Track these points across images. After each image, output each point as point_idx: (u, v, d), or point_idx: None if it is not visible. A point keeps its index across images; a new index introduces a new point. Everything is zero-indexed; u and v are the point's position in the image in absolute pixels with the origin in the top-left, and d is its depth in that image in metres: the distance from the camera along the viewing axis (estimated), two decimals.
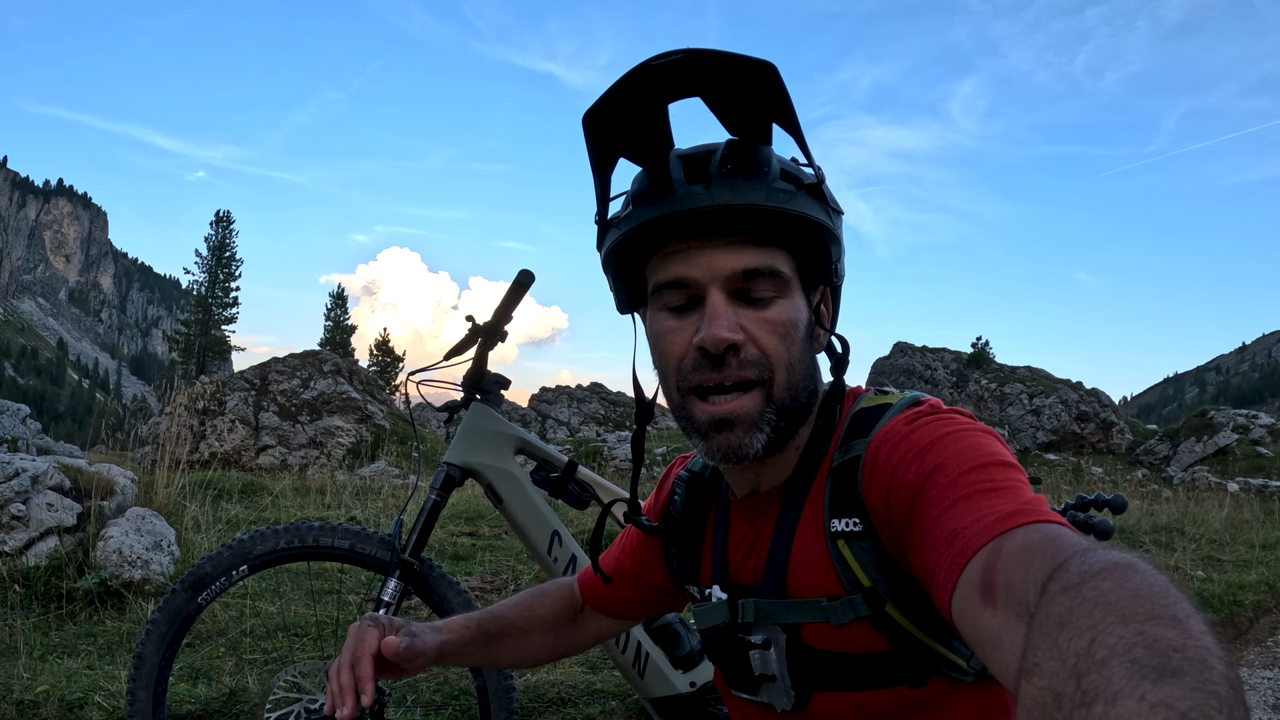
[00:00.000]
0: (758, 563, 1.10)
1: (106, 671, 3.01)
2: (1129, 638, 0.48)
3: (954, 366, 32.92)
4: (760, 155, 1.02)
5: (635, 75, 0.96)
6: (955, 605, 0.77)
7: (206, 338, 55.72)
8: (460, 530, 6.20)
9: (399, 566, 2.11)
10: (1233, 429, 23.12)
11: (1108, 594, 0.54)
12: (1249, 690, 4.43)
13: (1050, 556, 0.67)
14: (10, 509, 4.24)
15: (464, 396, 2.33)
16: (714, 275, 1.00)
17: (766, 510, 1.11)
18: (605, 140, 1.04)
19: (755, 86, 0.97)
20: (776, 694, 1.08)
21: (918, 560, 0.88)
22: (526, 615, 1.36)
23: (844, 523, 1.01)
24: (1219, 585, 6.12)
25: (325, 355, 18.83)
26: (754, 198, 0.97)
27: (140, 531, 4.37)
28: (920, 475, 0.91)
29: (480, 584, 4.64)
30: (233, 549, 2.17)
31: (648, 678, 2.27)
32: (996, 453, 0.90)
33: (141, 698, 2.13)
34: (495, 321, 2.23)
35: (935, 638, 1.00)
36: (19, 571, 4.00)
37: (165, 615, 2.14)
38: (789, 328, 1.02)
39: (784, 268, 1.02)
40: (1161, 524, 9.61)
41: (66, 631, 3.63)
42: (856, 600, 1.00)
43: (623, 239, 1.04)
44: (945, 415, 0.99)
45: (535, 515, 2.26)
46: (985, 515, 0.80)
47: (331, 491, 8.08)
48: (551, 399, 29.99)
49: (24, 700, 2.73)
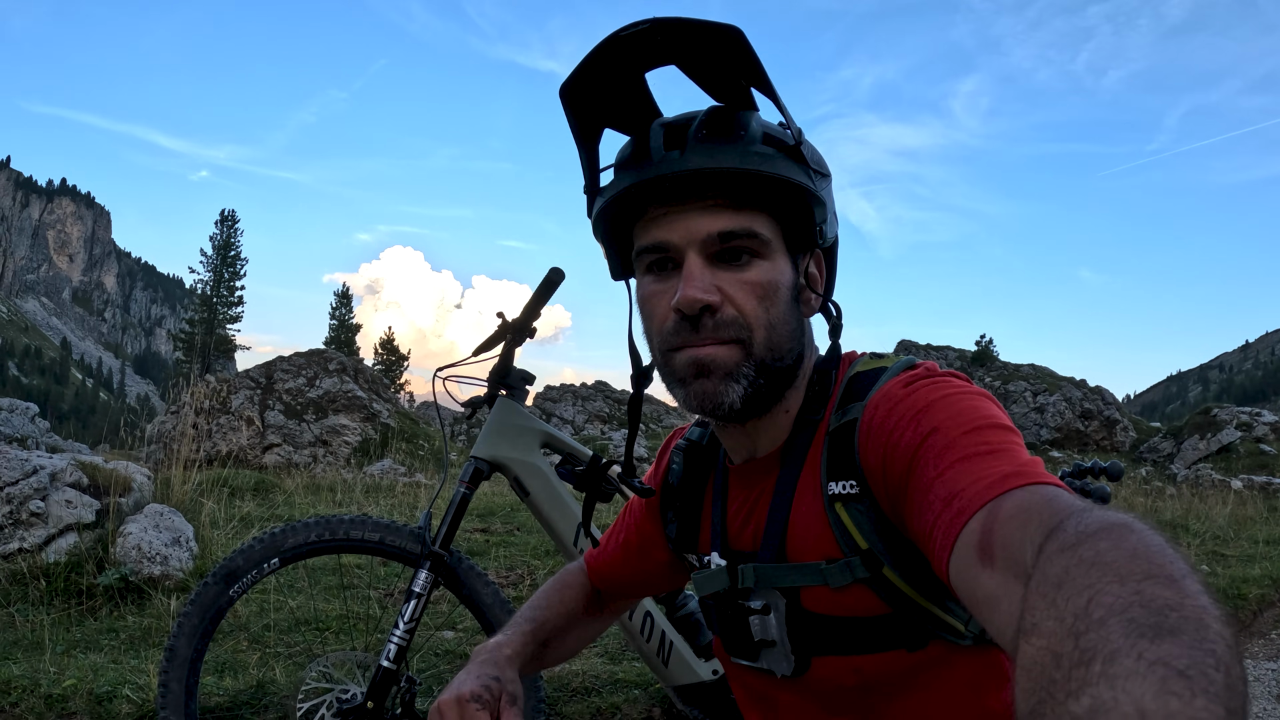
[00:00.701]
0: (756, 528, 1.11)
1: (133, 665, 3.04)
2: (1126, 597, 0.49)
3: (958, 364, 32.93)
4: (740, 119, 1.02)
5: (606, 46, 0.98)
6: (953, 567, 0.78)
7: (211, 337, 55.80)
8: (474, 527, 6.24)
9: (429, 558, 2.14)
10: (1236, 427, 23.11)
11: (1104, 554, 0.54)
12: (1254, 682, 4.46)
13: (1047, 517, 0.67)
14: (29, 505, 4.27)
15: (488, 392, 2.36)
16: (691, 238, 1.01)
17: (764, 476, 1.11)
18: (584, 112, 1.06)
19: (723, 52, 0.98)
20: (776, 659, 1.08)
21: (915, 522, 0.88)
22: (562, 613, 1.36)
23: (841, 485, 1.02)
24: (1223, 580, 6.16)
25: (331, 354, 18.86)
26: (727, 161, 0.98)
27: (159, 528, 4.40)
28: (917, 437, 0.91)
29: (496, 579, 4.67)
30: (264, 542, 2.20)
31: (672, 666, 2.31)
32: (993, 415, 0.91)
33: (174, 689, 2.16)
34: (524, 319, 2.27)
35: (933, 600, 1.01)
36: (39, 568, 4.03)
37: (197, 608, 2.17)
38: (768, 289, 1.02)
39: (763, 230, 1.02)
40: (1166, 520, 9.65)
41: (88, 627, 3.66)
42: (854, 563, 1.00)
43: (605, 205, 1.06)
44: (941, 378, 1.00)
45: (561, 507, 2.30)
46: (983, 477, 0.80)
47: (342, 489, 8.12)
48: (556, 397, 30.00)
49: (52, 694, 2.76)
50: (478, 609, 2.25)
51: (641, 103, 1.06)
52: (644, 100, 1.06)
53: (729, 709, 2.32)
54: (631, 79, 1.04)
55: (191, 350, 55.39)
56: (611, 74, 1.02)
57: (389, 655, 2.07)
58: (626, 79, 1.04)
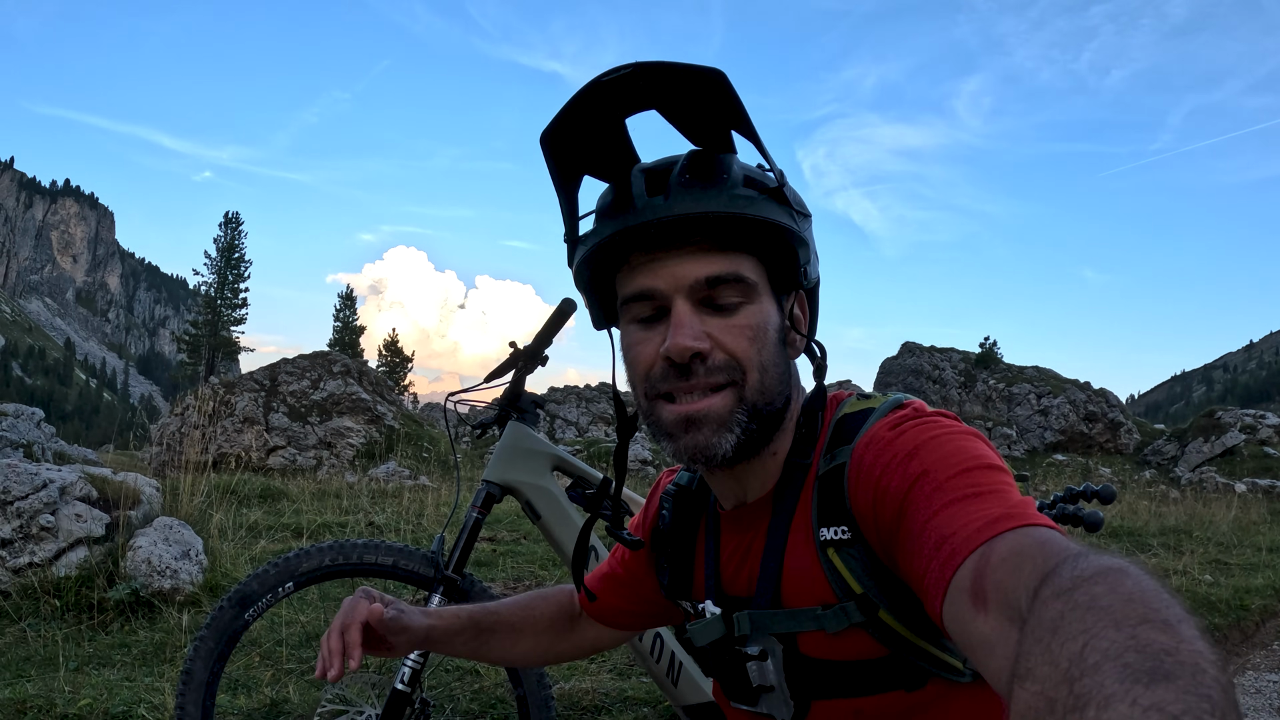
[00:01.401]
0: (751, 573, 1.10)
1: (146, 683, 3.06)
2: (1121, 642, 0.48)
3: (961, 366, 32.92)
4: (721, 163, 1.01)
5: (588, 92, 0.97)
6: (946, 611, 0.77)
7: (215, 339, 55.86)
8: (481, 536, 6.26)
9: (442, 582, 2.17)
10: (1240, 429, 23.11)
11: (1100, 598, 0.54)
12: (1255, 694, 4.46)
13: (1042, 561, 0.67)
14: (40, 520, 4.30)
15: (498, 415, 2.38)
16: (678, 285, 1.00)
17: (756, 521, 1.10)
18: (565, 158, 1.04)
19: (705, 95, 0.97)
20: (776, 704, 1.07)
21: (907, 566, 0.87)
22: (522, 615, 1.38)
23: (833, 530, 1.01)
24: (1226, 590, 6.15)
25: (335, 356, 18.88)
26: (711, 205, 0.97)
27: (169, 541, 4.43)
28: (906, 481, 0.90)
29: (503, 589, 4.70)
30: (278, 566, 2.22)
31: (681, 686, 2.33)
32: (982, 455, 0.90)
33: (191, 712, 2.19)
34: (536, 346, 2.29)
35: (929, 640, 1.00)
36: (49, 582, 4.06)
37: (213, 632, 2.19)
38: (758, 331, 1.01)
39: (750, 273, 1.01)
40: (1170, 526, 9.64)
41: (100, 642, 3.69)
42: (850, 608, 0.99)
43: (588, 254, 1.04)
44: (929, 419, 0.99)
45: (571, 529, 2.32)
46: (973, 520, 0.79)
47: (348, 495, 8.14)
48: (560, 399, 30.01)
49: (68, 714, 2.78)
50: None
51: (621, 149, 1.05)
52: (623, 146, 1.05)
53: None
54: (612, 125, 1.03)
55: (195, 352, 55.47)
56: (593, 120, 1.01)
57: (403, 679, 2.09)
58: (607, 125, 1.03)
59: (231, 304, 58.51)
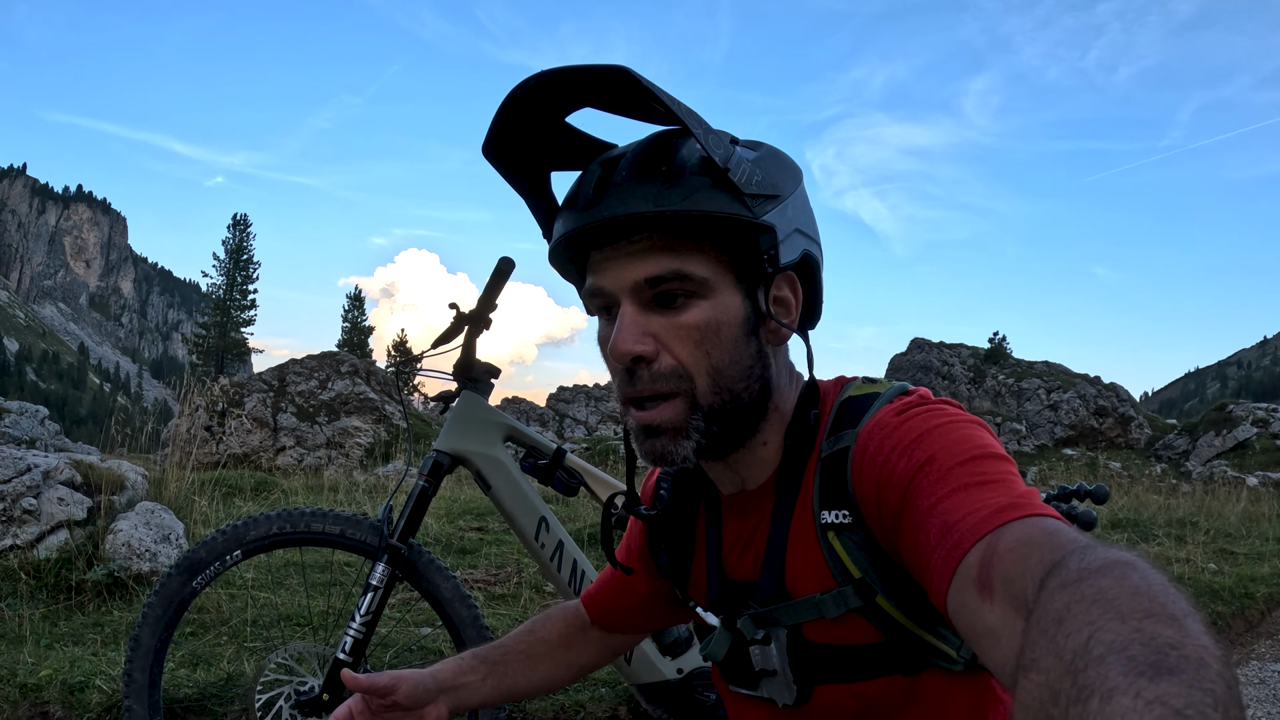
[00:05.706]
0: (756, 558, 1.09)
1: (110, 658, 3.06)
2: (1126, 635, 0.48)
3: (971, 362, 32.78)
4: (667, 153, 0.97)
5: (504, 106, 0.99)
6: (951, 599, 0.77)
7: (225, 340, 56.20)
8: (469, 525, 6.25)
9: (387, 551, 2.14)
10: (1252, 423, 22.94)
11: (1106, 591, 0.54)
12: (1259, 684, 4.40)
13: (1049, 552, 0.66)
14: (22, 503, 4.31)
15: (456, 386, 2.36)
16: (622, 285, 0.98)
17: (759, 506, 1.09)
18: (518, 163, 1.07)
19: (617, 92, 0.97)
20: (777, 688, 1.07)
21: (910, 553, 0.87)
22: (529, 639, 1.33)
23: (834, 514, 1.00)
24: (1230, 578, 6.07)
25: (343, 356, 18.93)
26: (640, 205, 0.93)
27: (149, 525, 4.43)
28: (912, 467, 0.89)
29: (485, 576, 4.68)
30: (226, 534, 2.20)
31: (635, 664, 2.29)
32: (988, 444, 0.89)
33: (138, 679, 2.17)
34: (480, 309, 2.26)
35: (925, 628, 1.00)
36: (29, 564, 4.07)
37: (161, 599, 2.18)
38: (706, 331, 0.97)
39: (697, 269, 0.96)
40: (1177, 517, 9.55)
41: (75, 621, 3.69)
42: (847, 592, 0.99)
43: (551, 250, 1.06)
44: (936, 406, 0.98)
45: (522, 501, 2.29)
46: (980, 509, 0.79)
47: (345, 489, 8.14)
48: (569, 398, 30.07)
49: (27, 684, 2.78)
50: (436, 602, 2.24)
51: (575, 143, 1.05)
52: (577, 140, 1.05)
53: (694, 708, 2.30)
54: (551, 126, 1.03)
55: (205, 354, 55.79)
56: (524, 127, 1.02)
57: (345, 648, 2.06)
58: (544, 128, 1.03)
59: (240, 305, 58.88)
